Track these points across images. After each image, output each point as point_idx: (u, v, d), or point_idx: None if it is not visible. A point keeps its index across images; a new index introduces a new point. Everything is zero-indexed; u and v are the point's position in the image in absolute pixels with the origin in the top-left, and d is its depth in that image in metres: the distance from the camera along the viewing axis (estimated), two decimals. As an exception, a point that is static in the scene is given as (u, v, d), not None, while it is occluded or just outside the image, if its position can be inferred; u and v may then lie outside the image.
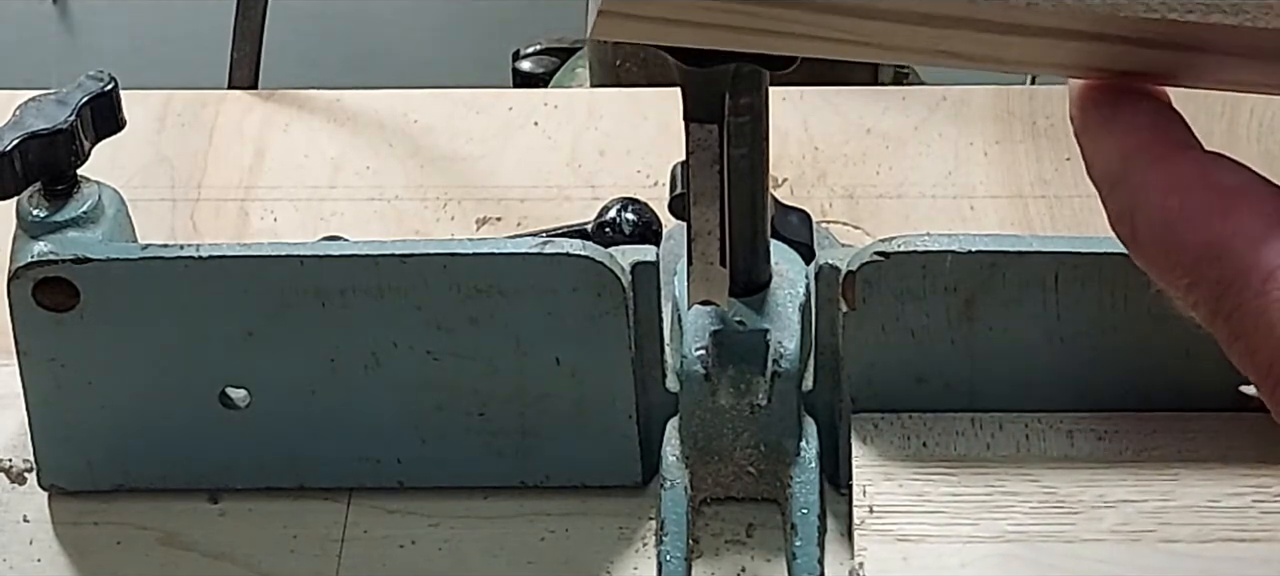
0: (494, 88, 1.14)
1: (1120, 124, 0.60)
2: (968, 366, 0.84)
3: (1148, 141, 0.59)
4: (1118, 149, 0.59)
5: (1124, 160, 0.59)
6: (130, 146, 1.04)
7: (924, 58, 0.59)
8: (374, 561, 0.86)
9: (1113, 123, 0.60)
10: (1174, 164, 0.58)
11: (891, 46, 0.58)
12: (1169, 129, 0.59)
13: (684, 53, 0.71)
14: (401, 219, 1.04)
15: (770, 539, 0.86)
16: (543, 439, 0.86)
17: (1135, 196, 0.58)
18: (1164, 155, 0.58)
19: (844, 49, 0.58)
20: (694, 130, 0.75)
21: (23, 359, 0.85)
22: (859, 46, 0.58)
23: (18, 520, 0.88)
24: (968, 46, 0.58)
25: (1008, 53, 0.58)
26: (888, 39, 0.57)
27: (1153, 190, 0.58)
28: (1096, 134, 0.60)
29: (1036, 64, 0.60)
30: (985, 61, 0.59)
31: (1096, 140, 0.60)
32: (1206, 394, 0.84)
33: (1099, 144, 0.60)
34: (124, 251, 0.83)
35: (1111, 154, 0.59)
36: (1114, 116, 0.60)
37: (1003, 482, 0.83)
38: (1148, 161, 0.58)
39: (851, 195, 1.04)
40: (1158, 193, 0.58)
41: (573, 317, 0.83)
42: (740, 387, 0.83)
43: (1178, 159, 0.58)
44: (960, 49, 0.58)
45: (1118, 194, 0.59)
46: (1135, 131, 0.59)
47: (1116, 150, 0.59)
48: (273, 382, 0.85)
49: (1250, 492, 0.82)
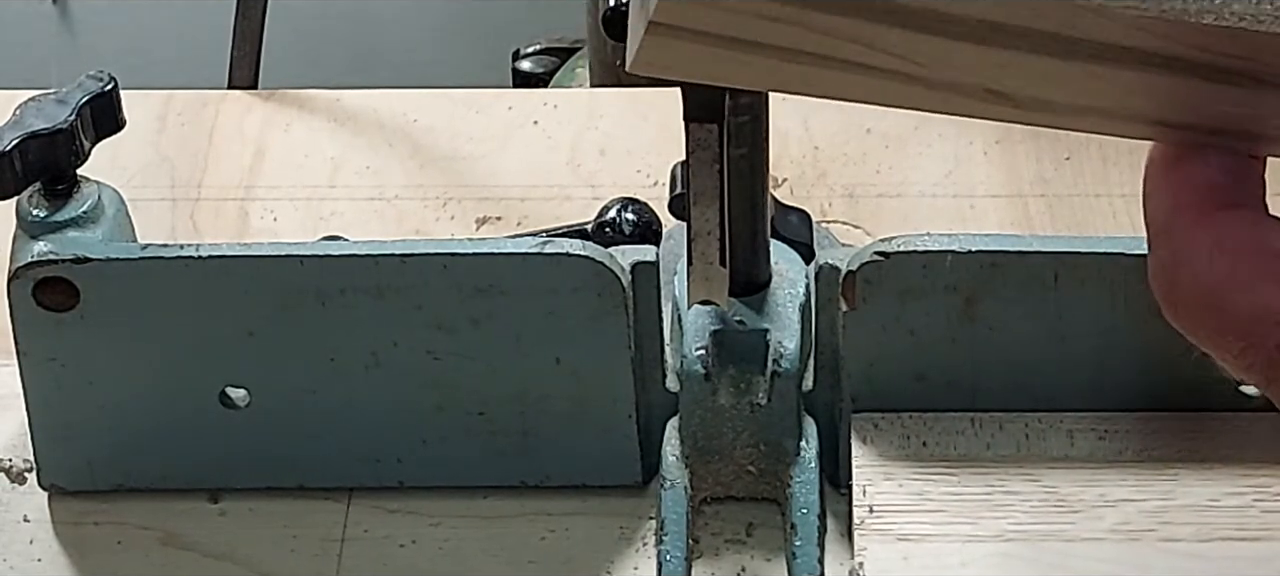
0: (494, 88, 1.14)
1: (1178, 173, 0.56)
2: (968, 366, 0.84)
3: (1200, 197, 0.55)
4: (1169, 199, 0.56)
5: (1171, 214, 0.56)
6: (130, 146, 1.04)
7: (972, 103, 0.55)
8: (374, 561, 0.86)
9: (1172, 170, 0.56)
10: (1222, 224, 0.55)
11: (941, 83, 0.54)
12: (1229, 185, 0.55)
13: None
14: (401, 219, 1.04)
15: (770, 538, 0.86)
16: (543, 439, 0.86)
17: (1178, 254, 0.55)
18: (1212, 213, 0.55)
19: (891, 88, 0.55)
20: (694, 130, 0.75)
21: (23, 359, 0.85)
22: (907, 84, 0.54)
23: (18, 520, 0.88)
24: (1021, 83, 0.54)
25: (1062, 92, 0.55)
26: (943, 62, 0.54)
27: (1198, 250, 0.55)
28: (1155, 178, 0.57)
29: (1092, 109, 0.56)
30: (1036, 109, 0.55)
31: (1154, 184, 0.57)
32: (1207, 393, 0.84)
33: (1155, 189, 0.57)
34: (124, 251, 0.83)
35: (1162, 203, 0.56)
36: (1175, 164, 0.56)
37: (1003, 482, 0.83)
38: (1194, 218, 0.55)
39: (852, 195, 1.04)
40: (1203, 253, 0.54)
41: (573, 317, 0.83)
42: (740, 387, 0.83)
43: (1227, 219, 0.55)
44: (1013, 87, 0.55)
45: (1159, 247, 0.56)
46: (1189, 184, 0.56)
47: (1168, 200, 0.56)
48: (273, 382, 0.85)
49: (1251, 492, 0.82)
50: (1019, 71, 0.54)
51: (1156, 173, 0.57)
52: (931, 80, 0.54)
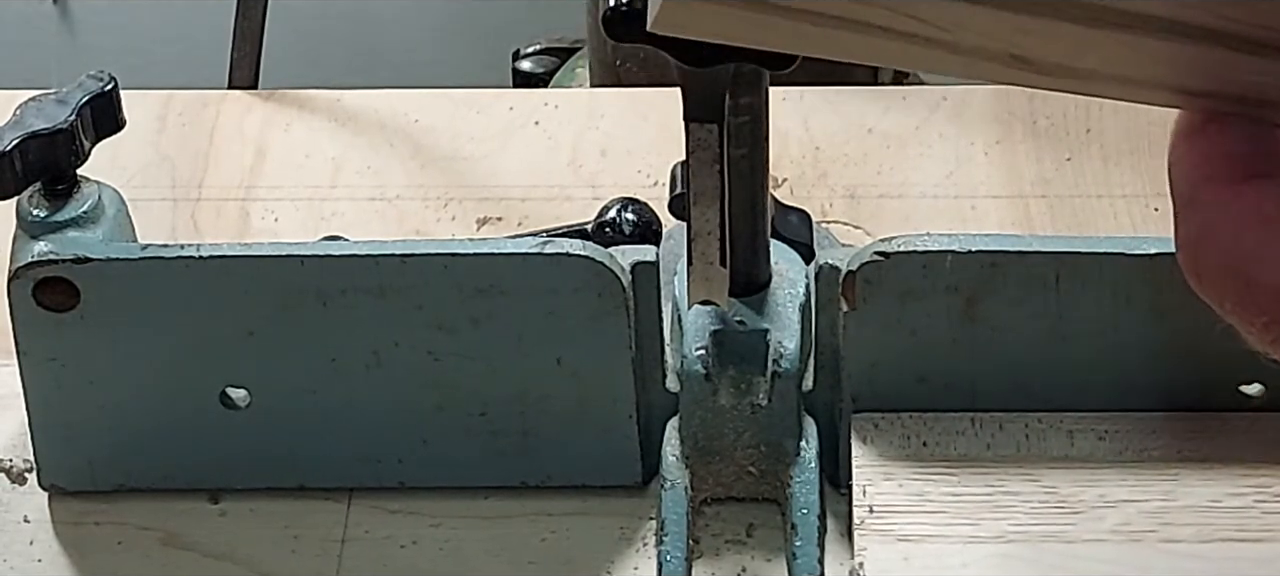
0: (494, 88, 1.14)
1: (1203, 141, 0.55)
2: (968, 366, 0.84)
3: (1227, 167, 0.54)
4: (1195, 169, 0.55)
5: (1197, 185, 0.54)
6: (130, 146, 1.04)
7: (997, 67, 0.54)
8: (375, 561, 0.86)
9: (1194, 139, 0.55)
10: (1249, 196, 0.53)
11: (966, 48, 0.53)
12: (1256, 154, 0.54)
13: (684, 53, 0.71)
14: (402, 219, 1.04)
15: (770, 539, 0.86)
16: (543, 439, 0.86)
17: (1205, 226, 0.54)
18: (1240, 184, 0.54)
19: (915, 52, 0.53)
20: (694, 130, 0.75)
21: (23, 359, 0.85)
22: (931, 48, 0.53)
23: (18, 520, 0.88)
24: (1046, 49, 0.53)
25: (1085, 58, 0.54)
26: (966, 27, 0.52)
27: (1225, 223, 0.54)
28: (1179, 147, 0.55)
29: (1115, 76, 0.55)
30: (1060, 75, 0.54)
31: (1179, 153, 0.55)
32: (1207, 394, 0.84)
33: (1179, 161, 0.55)
34: (124, 251, 0.83)
35: (1187, 174, 0.55)
36: (1200, 132, 0.55)
37: (1003, 482, 0.83)
38: (1221, 189, 0.54)
39: (852, 195, 1.04)
40: (1230, 226, 0.53)
41: (573, 317, 0.83)
42: (740, 387, 0.83)
43: (1255, 189, 0.53)
44: (1037, 53, 0.54)
45: (1186, 219, 0.55)
46: (1215, 153, 0.55)
47: (1193, 170, 0.55)
48: (273, 382, 0.85)
49: (1251, 492, 0.82)
50: (1043, 38, 0.53)
51: (1181, 142, 0.56)
52: (956, 45, 0.53)
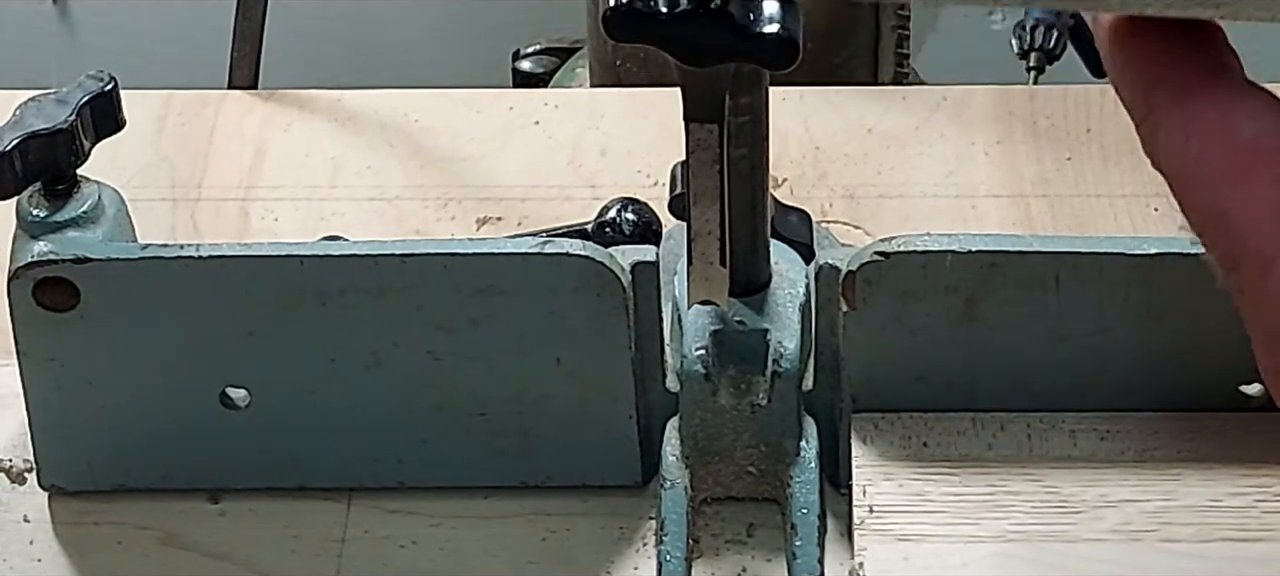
0: (494, 88, 1.14)
1: (1141, 50, 0.54)
2: (969, 366, 0.84)
3: (1167, 72, 0.54)
4: (1140, 80, 0.55)
5: (1145, 94, 0.54)
6: (130, 146, 1.04)
7: None
8: (375, 561, 0.86)
9: (1133, 48, 0.55)
10: (1193, 103, 0.53)
11: None
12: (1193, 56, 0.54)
13: (684, 53, 0.71)
14: (402, 219, 1.04)
15: (770, 539, 0.86)
16: (543, 439, 0.86)
17: (1155, 135, 0.54)
18: (1183, 90, 0.53)
19: None
20: (694, 130, 0.75)
21: (23, 359, 0.85)
22: None
23: (18, 520, 0.88)
24: None
25: None
26: None
27: (1173, 132, 0.53)
28: (1121, 65, 0.55)
29: None
30: None
31: (1121, 73, 0.55)
32: (1208, 393, 0.84)
33: (1124, 77, 0.55)
34: (124, 251, 0.83)
35: (1135, 87, 0.55)
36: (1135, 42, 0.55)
37: (1004, 482, 0.83)
38: (1167, 96, 0.54)
39: (852, 195, 1.04)
40: (1178, 136, 0.53)
41: (573, 317, 0.83)
42: (740, 387, 0.83)
43: (1198, 97, 0.53)
44: None
45: (1143, 132, 0.55)
46: (1155, 60, 0.54)
47: (1139, 82, 0.55)
48: (273, 382, 0.85)
49: (1252, 492, 0.82)
50: None
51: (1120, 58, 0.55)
52: None
